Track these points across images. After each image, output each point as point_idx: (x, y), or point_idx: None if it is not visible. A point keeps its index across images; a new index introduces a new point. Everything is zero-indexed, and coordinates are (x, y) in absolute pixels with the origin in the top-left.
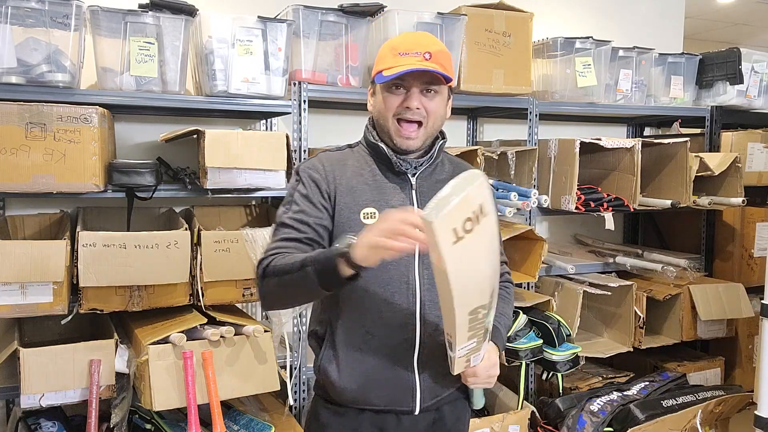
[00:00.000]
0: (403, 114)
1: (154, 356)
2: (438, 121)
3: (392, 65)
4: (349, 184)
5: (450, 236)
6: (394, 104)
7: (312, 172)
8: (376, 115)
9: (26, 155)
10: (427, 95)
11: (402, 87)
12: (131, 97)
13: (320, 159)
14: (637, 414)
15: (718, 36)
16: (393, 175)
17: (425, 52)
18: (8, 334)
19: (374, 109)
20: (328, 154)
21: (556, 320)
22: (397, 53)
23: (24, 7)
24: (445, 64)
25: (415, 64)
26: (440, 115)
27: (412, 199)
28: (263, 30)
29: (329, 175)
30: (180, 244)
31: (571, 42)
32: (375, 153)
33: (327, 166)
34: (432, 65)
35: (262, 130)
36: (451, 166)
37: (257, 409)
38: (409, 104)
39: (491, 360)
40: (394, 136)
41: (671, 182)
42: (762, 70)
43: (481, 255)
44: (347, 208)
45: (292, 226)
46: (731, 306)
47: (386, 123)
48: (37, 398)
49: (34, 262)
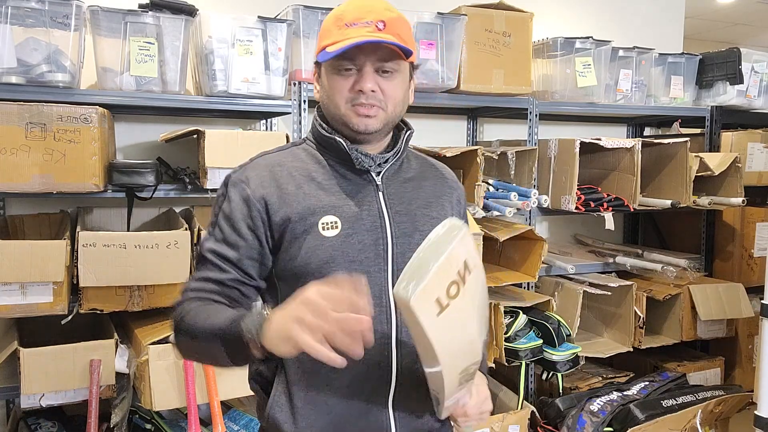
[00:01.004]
0: (356, 100)
1: (154, 356)
2: (399, 107)
3: (337, 39)
4: (297, 192)
5: (433, 309)
6: (344, 87)
7: (242, 186)
8: (325, 101)
9: (26, 155)
10: (384, 75)
11: (352, 66)
12: (131, 97)
13: (254, 166)
14: (637, 414)
15: (718, 36)
16: (353, 174)
17: (377, 20)
18: (8, 334)
19: (322, 95)
20: (266, 157)
21: (556, 320)
22: (343, 24)
23: (24, 7)
24: (402, 34)
25: (364, 36)
26: (400, 99)
27: (379, 203)
28: (263, 30)
29: (266, 188)
30: (180, 244)
31: (571, 42)
32: (328, 149)
33: (263, 174)
34: (386, 36)
35: (262, 130)
36: (417, 163)
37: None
38: (362, 86)
39: (481, 394)
40: (349, 118)
41: (671, 182)
42: (762, 70)
43: (471, 315)
44: (300, 221)
45: (212, 262)
46: (731, 306)
47: (337, 110)
48: (37, 398)
49: (34, 262)
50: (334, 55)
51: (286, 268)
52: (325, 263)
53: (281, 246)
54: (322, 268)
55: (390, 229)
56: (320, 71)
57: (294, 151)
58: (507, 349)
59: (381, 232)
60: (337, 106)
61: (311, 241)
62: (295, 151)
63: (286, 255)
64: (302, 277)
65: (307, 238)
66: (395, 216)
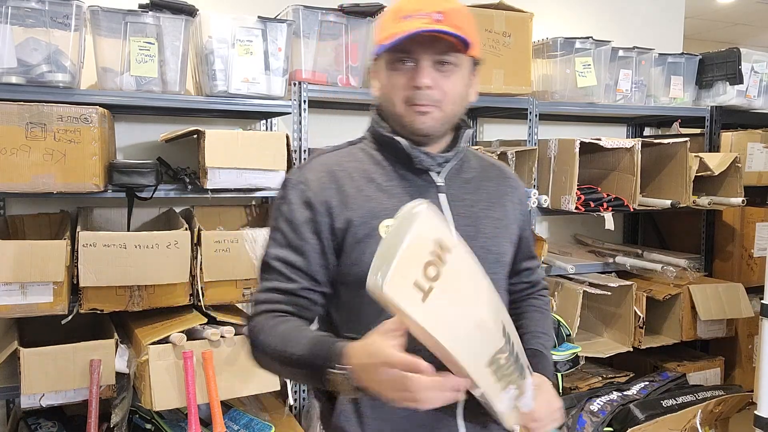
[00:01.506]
0: (412, 99)
1: (154, 356)
2: (457, 105)
3: (393, 32)
4: (358, 195)
5: (414, 295)
6: (400, 83)
7: (301, 188)
8: (382, 99)
9: (26, 155)
10: (442, 70)
11: (409, 61)
12: (131, 97)
13: (313, 167)
14: (637, 414)
15: (718, 36)
16: (413, 175)
17: (435, 11)
18: (8, 334)
19: (379, 92)
20: (324, 157)
21: (556, 320)
22: (400, 17)
23: (24, 7)
24: (462, 25)
25: (420, 26)
26: (460, 96)
27: (440, 206)
28: (263, 30)
29: (326, 190)
30: (180, 244)
31: (571, 42)
32: (387, 149)
33: (322, 175)
34: (444, 27)
35: (262, 130)
36: (477, 163)
37: (257, 409)
38: (418, 82)
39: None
40: (406, 117)
41: (671, 182)
42: (762, 70)
43: (466, 296)
44: (362, 225)
45: (278, 270)
46: (731, 306)
47: (393, 108)
48: (37, 398)
49: (34, 262)
50: (387, 47)
51: (349, 273)
52: None
53: (343, 250)
54: None
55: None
56: (378, 67)
57: (352, 150)
58: None
59: None
60: (394, 104)
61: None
62: (352, 150)
63: (348, 260)
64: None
65: (369, 242)
66: (457, 218)
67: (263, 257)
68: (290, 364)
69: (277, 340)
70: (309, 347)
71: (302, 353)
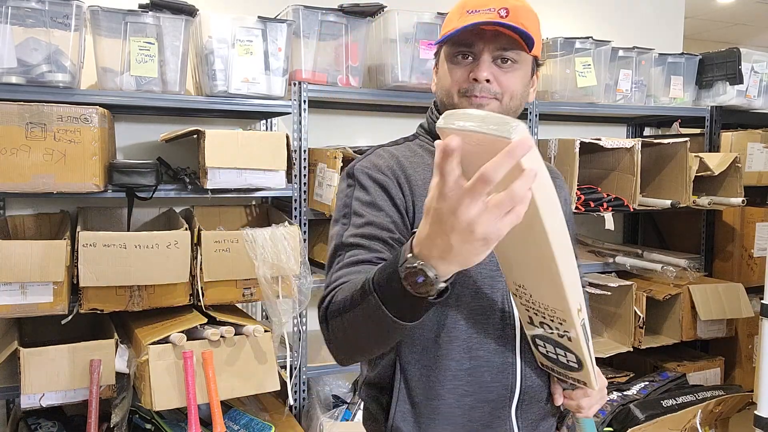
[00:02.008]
0: (469, 91)
1: (154, 356)
2: (516, 101)
3: (457, 26)
4: (424, 186)
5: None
6: (458, 75)
7: (374, 173)
8: (441, 93)
9: (26, 155)
10: (503, 66)
11: (470, 54)
12: (131, 97)
13: (379, 155)
14: (637, 414)
15: (718, 36)
16: None
17: (501, 7)
18: (8, 334)
19: (437, 86)
20: (385, 150)
21: None
22: (465, 11)
23: (24, 7)
24: (527, 23)
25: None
26: (519, 93)
27: None
28: (263, 30)
29: (399, 176)
30: (180, 244)
31: (571, 42)
32: None
33: (391, 162)
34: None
35: (262, 130)
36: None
37: (257, 409)
38: (477, 75)
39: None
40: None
41: (671, 182)
42: (762, 70)
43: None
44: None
45: (358, 245)
46: (731, 306)
47: (450, 100)
48: (37, 398)
49: (34, 262)
50: (448, 37)
51: None
52: None
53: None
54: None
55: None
56: (439, 60)
57: (409, 146)
58: None
59: None
60: (450, 95)
61: None
62: (410, 146)
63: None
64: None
65: None
66: None
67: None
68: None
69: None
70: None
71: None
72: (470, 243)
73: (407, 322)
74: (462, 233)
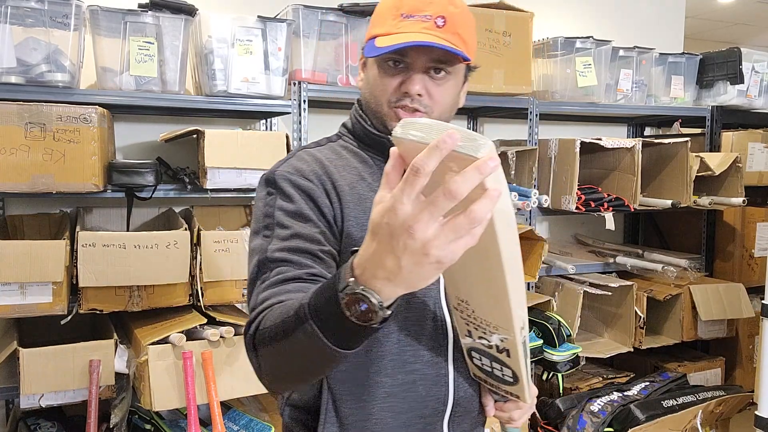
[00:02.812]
0: (399, 101)
1: (154, 356)
2: (446, 113)
3: (390, 31)
4: (351, 191)
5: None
6: (389, 87)
7: (297, 179)
8: (367, 96)
9: (26, 155)
10: (436, 77)
11: (401, 63)
12: (131, 97)
13: (300, 158)
14: (638, 414)
15: (718, 36)
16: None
17: (438, 15)
18: (8, 334)
19: (364, 87)
20: (307, 151)
21: (557, 320)
22: (400, 14)
23: (24, 7)
24: (463, 33)
25: (420, 33)
26: (449, 105)
27: None
28: (263, 30)
29: (325, 182)
30: (180, 244)
31: (571, 42)
32: (373, 147)
33: (315, 167)
34: (444, 37)
35: (262, 130)
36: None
37: (257, 409)
38: (409, 88)
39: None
40: (389, 119)
41: (672, 182)
42: (762, 70)
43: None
44: (358, 223)
45: (285, 260)
46: (732, 306)
47: (378, 108)
48: (37, 398)
49: (33, 262)
50: (381, 53)
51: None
52: None
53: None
54: None
55: None
56: (366, 60)
57: (333, 147)
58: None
59: None
60: (379, 104)
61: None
62: (334, 147)
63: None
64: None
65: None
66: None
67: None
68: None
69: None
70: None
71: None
72: (422, 266)
73: (348, 350)
74: (415, 254)
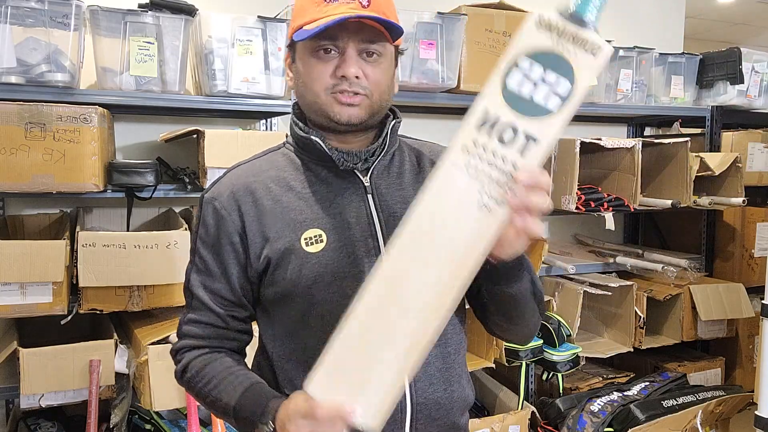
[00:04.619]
0: (337, 86)
1: (154, 356)
2: (385, 94)
3: (315, 17)
4: (274, 207)
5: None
6: (323, 73)
7: (214, 206)
8: (301, 90)
9: (26, 155)
10: (369, 59)
11: (333, 49)
12: (131, 97)
13: (227, 181)
14: (638, 414)
15: (718, 36)
16: (336, 178)
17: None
18: (8, 334)
19: (297, 83)
20: (239, 169)
21: (557, 320)
22: (323, 0)
23: (24, 7)
24: (389, 13)
25: (347, 12)
26: (386, 87)
27: (369, 207)
28: (263, 30)
29: (242, 205)
30: (180, 244)
31: None
32: (306, 150)
33: (237, 189)
34: (371, 12)
35: (262, 130)
36: (414, 155)
37: None
38: (345, 71)
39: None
40: (330, 107)
41: (672, 182)
42: (762, 70)
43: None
44: (279, 239)
45: (201, 299)
46: (732, 306)
47: (316, 99)
48: (37, 398)
49: (33, 262)
50: (312, 34)
51: (275, 291)
52: (313, 283)
53: (267, 268)
54: (311, 288)
55: (382, 236)
56: (294, 56)
57: (272, 157)
58: (507, 349)
59: (373, 241)
60: (316, 95)
61: (295, 260)
62: (272, 157)
63: (272, 277)
64: (291, 300)
65: (290, 257)
66: (388, 220)
67: (185, 283)
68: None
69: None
70: (239, 398)
71: (233, 404)
72: None
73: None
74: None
